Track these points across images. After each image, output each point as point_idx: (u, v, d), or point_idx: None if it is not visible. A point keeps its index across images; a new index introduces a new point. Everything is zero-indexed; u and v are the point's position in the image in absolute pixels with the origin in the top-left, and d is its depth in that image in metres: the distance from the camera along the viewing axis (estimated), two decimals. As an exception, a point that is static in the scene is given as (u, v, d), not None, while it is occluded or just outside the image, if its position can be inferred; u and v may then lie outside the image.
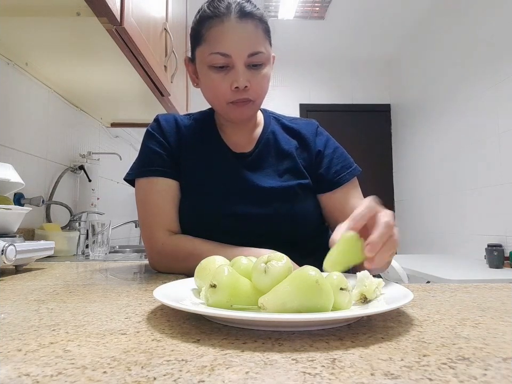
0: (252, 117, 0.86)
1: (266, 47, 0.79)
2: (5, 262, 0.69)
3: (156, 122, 0.87)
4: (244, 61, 0.76)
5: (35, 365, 0.27)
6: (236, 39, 0.75)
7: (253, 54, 0.76)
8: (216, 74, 0.77)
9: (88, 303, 0.48)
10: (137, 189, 0.83)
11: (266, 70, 0.80)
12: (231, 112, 0.80)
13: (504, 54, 2.39)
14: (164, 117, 0.88)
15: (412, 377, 0.25)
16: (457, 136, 2.87)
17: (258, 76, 0.78)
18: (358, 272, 0.44)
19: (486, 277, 1.90)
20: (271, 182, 0.81)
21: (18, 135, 1.31)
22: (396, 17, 3.40)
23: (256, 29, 0.77)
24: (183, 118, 0.90)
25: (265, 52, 0.79)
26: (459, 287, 0.59)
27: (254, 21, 0.77)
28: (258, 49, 0.77)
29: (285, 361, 0.28)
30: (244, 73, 0.76)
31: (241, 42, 0.76)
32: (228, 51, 0.75)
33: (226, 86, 0.77)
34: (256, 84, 0.78)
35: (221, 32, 0.76)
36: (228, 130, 0.88)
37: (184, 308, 0.36)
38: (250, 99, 0.79)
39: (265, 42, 0.79)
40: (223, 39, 0.76)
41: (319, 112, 4.06)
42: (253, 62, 0.77)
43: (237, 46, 0.75)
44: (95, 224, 1.31)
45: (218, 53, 0.76)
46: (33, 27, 1.06)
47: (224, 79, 0.77)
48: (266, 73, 0.80)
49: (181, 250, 0.76)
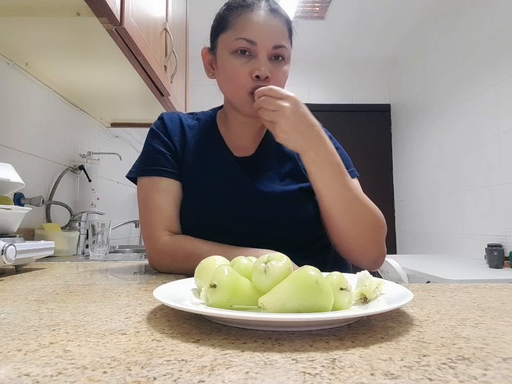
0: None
1: (288, 45, 0.80)
2: (5, 262, 0.69)
3: (160, 120, 0.87)
4: (268, 52, 0.76)
5: (35, 365, 0.27)
6: (263, 28, 0.76)
7: (278, 46, 0.77)
8: (238, 60, 0.76)
9: (88, 303, 0.48)
10: (139, 188, 0.83)
11: (286, 67, 0.80)
12: (249, 104, 0.77)
13: (504, 54, 2.38)
14: (168, 116, 0.87)
15: (411, 377, 0.25)
16: (457, 136, 2.87)
17: (279, 70, 0.78)
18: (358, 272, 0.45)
19: (486, 277, 1.90)
20: (272, 185, 0.80)
21: (18, 135, 1.31)
22: (396, 17, 3.40)
23: (283, 25, 0.79)
24: (187, 117, 0.90)
25: (288, 48, 0.79)
26: (459, 287, 0.59)
27: (281, 18, 0.79)
28: (282, 42, 0.77)
29: (285, 361, 0.28)
30: (266, 64, 0.76)
31: (269, 32, 0.76)
32: (254, 38, 0.75)
33: (246, 74, 0.76)
34: (276, 77, 0.78)
35: (249, 19, 0.76)
36: (233, 130, 0.87)
37: (184, 308, 0.36)
38: None
39: (288, 40, 0.80)
40: (251, 26, 0.76)
41: (319, 112, 4.03)
42: (277, 53, 0.77)
43: (264, 35, 0.76)
44: (95, 224, 1.31)
45: (244, 38, 0.75)
46: (33, 27, 1.06)
47: (245, 66, 0.76)
48: (286, 70, 0.80)
49: (181, 251, 0.76)
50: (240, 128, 0.86)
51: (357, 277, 0.44)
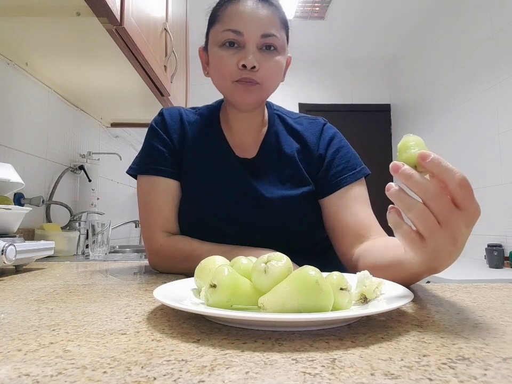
0: (258, 103, 0.80)
1: (281, 34, 0.77)
2: (5, 262, 0.69)
3: (160, 116, 0.85)
4: (256, 41, 0.74)
5: (35, 365, 0.27)
6: (249, 18, 0.74)
7: (265, 35, 0.75)
8: (225, 52, 0.75)
9: (88, 303, 0.48)
10: (139, 187, 0.83)
11: (280, 58, 0.77)
12: (236, 92, 0.76)
13: (504, 54, 2.38)
14: (168, 111, 0.86)
15: (411, 377, 0.25)
16: (457, 136, 2.87)
17: (269, 60, 0.76)
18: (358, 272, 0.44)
19: (486, 277, 1.90)
20: (273, 190, 0.79)
21: (18, 135, 1.31)
22: (396, 17, 3.40)
23: (272, 14, 0.76)
24: (188, 112, 0.88)
25: (280, 38, 0.76)
26: (459, 287, 0.59)
27: (270, 7, 0.77)
28: (271, 31, 0.75)
29: (285, 361, 0.28)
30: (254, 54, 0.74)
31: (255, 21, 0.74)
32: (240, 28, 0.74)
33: (233, 64, 0.74)
34: (265, 67, 0.75)
35: (235, 10, 0.75)
36: (234, 126, 0.85)
37: (184, 308, 0.36)
38: (257, 81, 0.75)
39: (280, 30, 0.77)
40: (236, 16, 0.74)
41: (319, 112, 4.06)
42: (266, 43, 0.75)
43: (250, 25, 0.74)
44: (95, 224, 1.31)
45: (230, 29, 0.74)
46: (33, 27, 1.06)
47: (233, 57, 0.74)
48: (278, 60, 0.77)
49: (180, 252, 0.76)
50: (240, 125, 0.84)
51: (357, 277, 0.44)
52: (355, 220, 0.76)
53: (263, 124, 0.86)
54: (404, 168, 0.40)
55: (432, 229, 0.40)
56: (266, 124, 0.86)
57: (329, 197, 0.80)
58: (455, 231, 0.40)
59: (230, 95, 0.78)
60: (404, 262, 0.50)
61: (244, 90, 0.75)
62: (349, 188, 0.79)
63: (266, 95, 0.80)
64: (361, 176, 0.81)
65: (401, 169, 0.40)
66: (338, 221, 0.78)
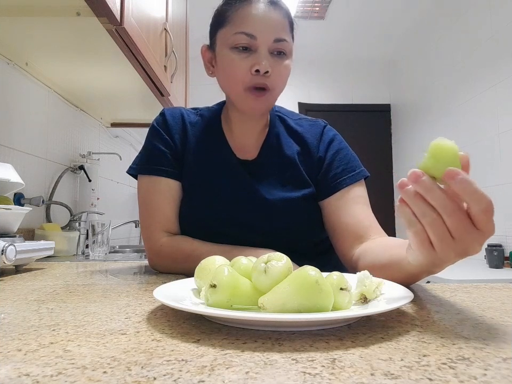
0: (266, 111, 0.82)
1: (290, 39, 0.78)
2: (5, 262, 0.69)
3: (161, 116, 0.85)
4: (268, 46, 0.74)
5: (35, 365, 0.27)
6: (263, 21, 0.73)
7: (278, 40, 0.74)
8: (237, 55, 0.74)
9: (88, 303, 0.48)
10: (139, 187, 0.82)
11: (288, 62, 0.77)
12: (247, 101, 0.76)
13: (504, 55, 2.38)
14: (170, 111, 0.86)
15: (411, 377, 0.25)
16: (457, 136, 2.87)
17: (280, 65, 0.75)
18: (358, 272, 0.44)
19: (486, 277, 1.90)
20: (274, 192, 0.79)
21: (18, 135, 1.31)
22: (396, 17, 3.40)
23: (283, 18, 0.76)
24: (189, 113, 0.87)
25: (289, 42, 0.77)
26: (459, 287, 0.59)
27: (282, 11, 0.76)
28: (283, 36, 0.75)
29: (285, 361, 0.28)
30: (267, 58, 0.74)
31: (269, 25, 0.74)
32: (254, 32, 0.73)
33: (246, 68, 0.73)
34: (277, 72, 0.75)
35: (248, 12, 0.74)
36: (236, 129, 0.84)
37: (184, 308, 0.36)
38: (269, 87, 0.75)
39: (289, 34, 0.78)
40: (250, 19, 0.73)
41: (319, 112, 4.06)
42: (278, 48, 0.75)
43: (264, 29, 0.73)
44: (95, 224, 1.31)
45: (243, 32, 0.73)
46: (33, 27, 1.06)
47: (245, 61, 0.73)
48: (288, 64, 0.77)
49: (179, 252, 0.75)
50: (242, 127, 0.84)
51: (357, 277, 0.44)
52: (355, 220, 0.76)
53: (265, 125, 0.86)
54: (424, 180, 0.38)
55: (444, 241, 0.39)
56: (267, 126, 0.86)
57: (329, 199, 0.80)
58: (468, 247, 0.39)
59: (240, 102, 0.78)
60: (402, 262, 0.50)
61: (255, 99, 0.75)
62: (348, 189, 0.79)
63: (275, 101, 0.80)
64: (361, 178, 0.81)
65: (421, 180, 0.38)
66: (338, 222, 0.78)
